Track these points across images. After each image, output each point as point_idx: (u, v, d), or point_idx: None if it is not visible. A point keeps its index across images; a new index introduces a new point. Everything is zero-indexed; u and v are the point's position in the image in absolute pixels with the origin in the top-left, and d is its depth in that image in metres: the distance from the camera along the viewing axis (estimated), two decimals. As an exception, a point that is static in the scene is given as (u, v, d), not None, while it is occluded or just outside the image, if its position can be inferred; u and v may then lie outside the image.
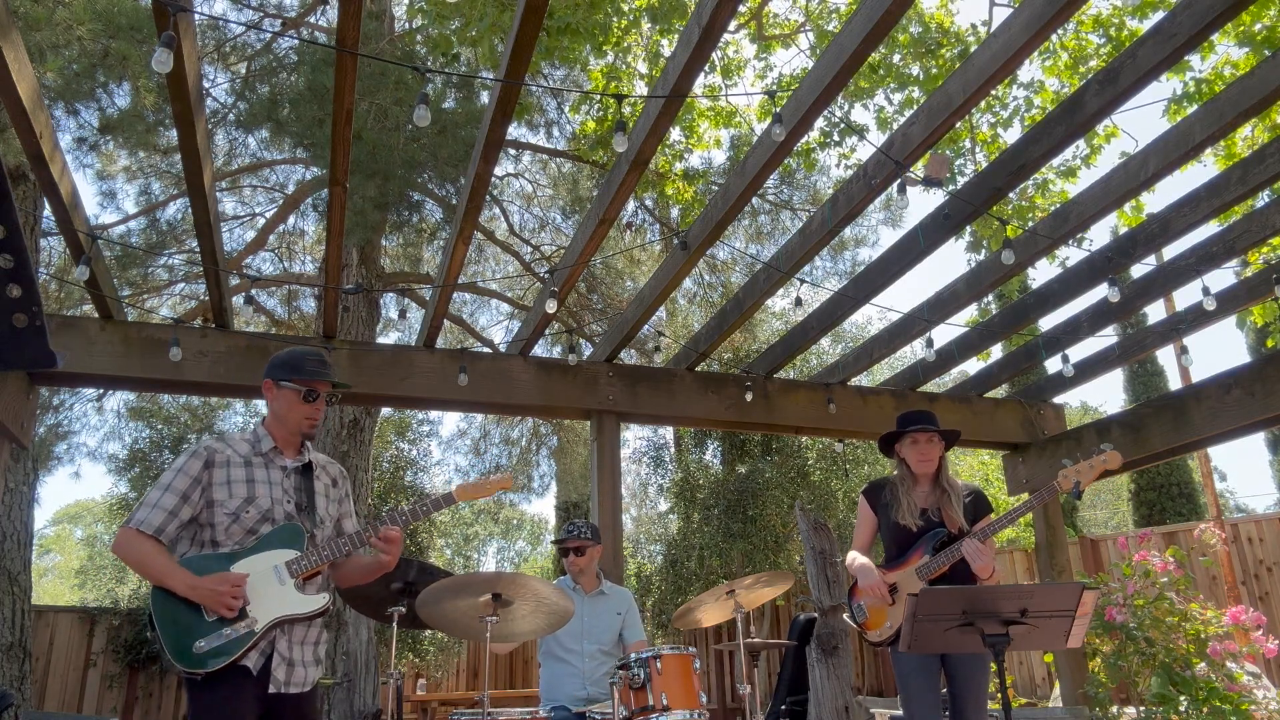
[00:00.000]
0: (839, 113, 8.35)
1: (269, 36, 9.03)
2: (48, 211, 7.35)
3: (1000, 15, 7.57)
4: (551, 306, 5.24)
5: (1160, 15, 5.11)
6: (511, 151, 11.14)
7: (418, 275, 11.44)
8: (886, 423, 4.35)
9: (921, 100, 7.45)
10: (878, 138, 7.78)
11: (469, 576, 3.23)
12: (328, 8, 9.42)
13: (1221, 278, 6.38)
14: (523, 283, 12.33)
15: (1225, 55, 6.45)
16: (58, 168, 4.10)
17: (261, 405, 2.87)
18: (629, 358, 10.63)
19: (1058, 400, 7.48)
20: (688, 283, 11.82)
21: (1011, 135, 7.69)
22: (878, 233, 15.36)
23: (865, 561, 3.57)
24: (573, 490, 16.85)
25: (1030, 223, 6.89)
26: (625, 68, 7.82)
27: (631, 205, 10.74)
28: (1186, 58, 5.95)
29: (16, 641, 7.59)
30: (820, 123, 7.79)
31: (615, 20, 7.00)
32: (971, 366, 12.17)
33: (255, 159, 10.45)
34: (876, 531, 3.70)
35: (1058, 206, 5.57)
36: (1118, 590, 5.38)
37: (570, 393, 6.12)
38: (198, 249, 4.91)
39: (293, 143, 8.56)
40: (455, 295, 10.64)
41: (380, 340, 10.45)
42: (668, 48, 7.63)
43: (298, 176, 10.77)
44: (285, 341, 6.15)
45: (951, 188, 6.45)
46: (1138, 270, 5.58)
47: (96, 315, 5.43)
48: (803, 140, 7.03)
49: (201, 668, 2.41)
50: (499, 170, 11.09)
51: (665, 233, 10.59)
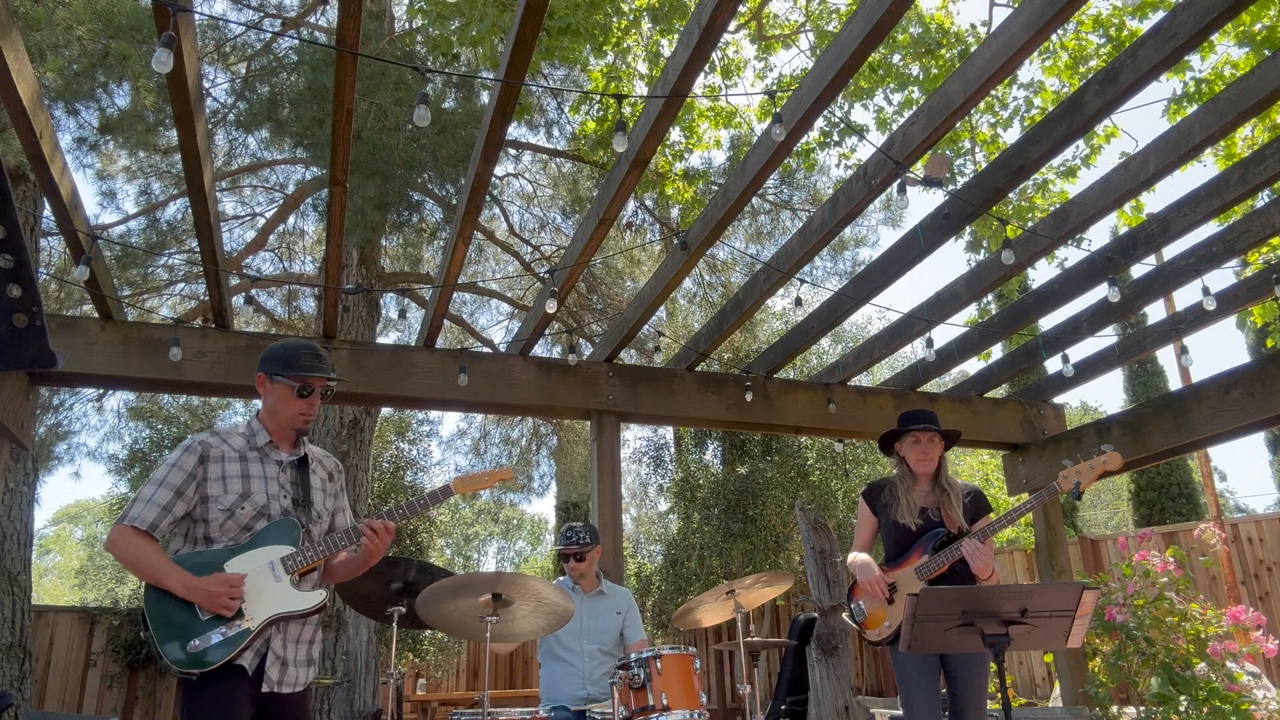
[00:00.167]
0: (839, 113, 8.35)
1: (269, 36, 9.02)
2: (48, 211, 7.34)
3: (1000, 15, 7.57)
4: (551, 306, 5.25)
5: (1160, 15, 5.11)
6: (511, 151, 11.14)
7: (418, 275, 11.42)
8: (886, 423, 4.35)
9: (921, 100, 7.44)
10: (878, 138, 7.78)
11: (469, 576, 3.23)
12: (328, 8, 9.42)
13: (1221, 278, 6.40)
14: (523, 283, 12.32)
15: (1225, 55, 6.45)
16: (58, 168, 4.10)
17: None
18: (629, 358, 10.62)
19: (1058, 400, 7.48)
20: (688, 283, 11.82)
21: (1011, 135, 7.70)
22: (878, 233, 15.39)
23: (866, 559, 3.57)
24: (573, 490, 16.84)
25: (1030, 223, 6.88)
26: (625, 68, 7.82)
27: (631, 205, 10.73)
28: (1186, 58, 5.95)
29: (16, 641, 7.59)
30: (820, 123, 7.79)
31: (615, 20, 7.00)
32: (971, 366, 12.19)
33: (255, 159, 10.44)
34: (877, 532, 3.70)
35: (1058, 206, 5.57)
36: (1118, 590, 5.38)
37: (570, 393, 6.13)
38: (198, 249, 4.90)
39: (293, 143, 8.56)
40: (455, 295, 10.64)
41: (380, 340, 10.45)
42: (668, 48, 7.63)
43: (298, 176, 10.76)
44: (285, 341, 6.13)
45: (951, 188, 6.44)
46: (1138, 270, 5.59)
47: (96, 315, 5.43)
48: (803, 140, 7.02)
49: (196, 668, 2.36)
50: (499, 170, 11.08)
51: (665, 233, 10.58)
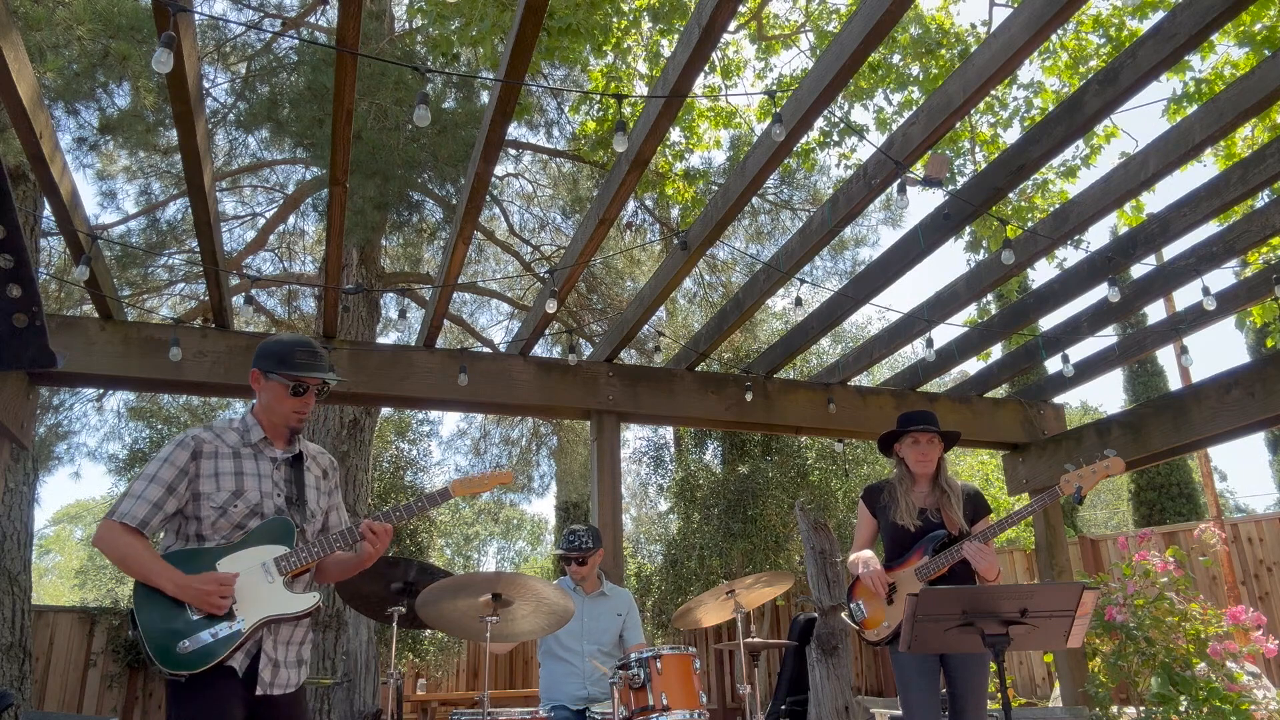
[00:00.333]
0: (839, 113, 8.35)
1: (269, 36, 9.02)
2: (48, 211, 7.34)
3: (1000, 15, 7.58)
4: (551, 306, 5.25)
5: (1160, 15, 5.11)
6: (511, 151, 11.14)
7: (418, 275, 11.42)
8: (886, 423, 4.35)
9: (921, 100, 7.44)
10: (878, 138, 7.78)
11: (469, 576, 3.23)
12: (328, 8, 9.42)
13: (1221, 278, 6.39)
14: (523, 283, 12.32)
15: (1225, 55, 6.45)
16: (58, 168, 4.10)
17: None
18: (629, 358, 10.63)
19: (1058, 400, 7.48)
20: (688, 283, 11.82)
21: (1011, 135, 7.70)
22: (878, 233, 15.41)
23: (868, 553, 3.58)
24: (573, 490, 16.84)
25: (1030, 223, 6.88)
26: (625, 68, 7.82)
27: (631, 205, 10.73)
28: (1186, 58, 5.95)
29: (16, 641, 7.59)
30: (820, 123, 7.79)
31: (615, 20, 7.00)
32: (971, 366, 12.19)
33: (255, 159, 10.44)
34: (876, 533, 3.70)
35: (1058, 206, 5.57)
36: (1118, 590, 5.38)
37: (570, 393, 6.12)
38: (198, 249, 4.90)
39: (293, 143, 8.55)
40: (455, 295, 10.64)
41: (380, 340, 10.45)
42: (668, 48, 7.63)
43: (298, 176, 10.76)
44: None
45: (951, 188, 6.44)
46: (1138, 270, 5.59)
47: (96, 315, 5.43)
48: (803, 140, 7.02)
49: (185, 669, 2.30)
50: (499, 170, 11.08)
51: (665, 233, 10.58)
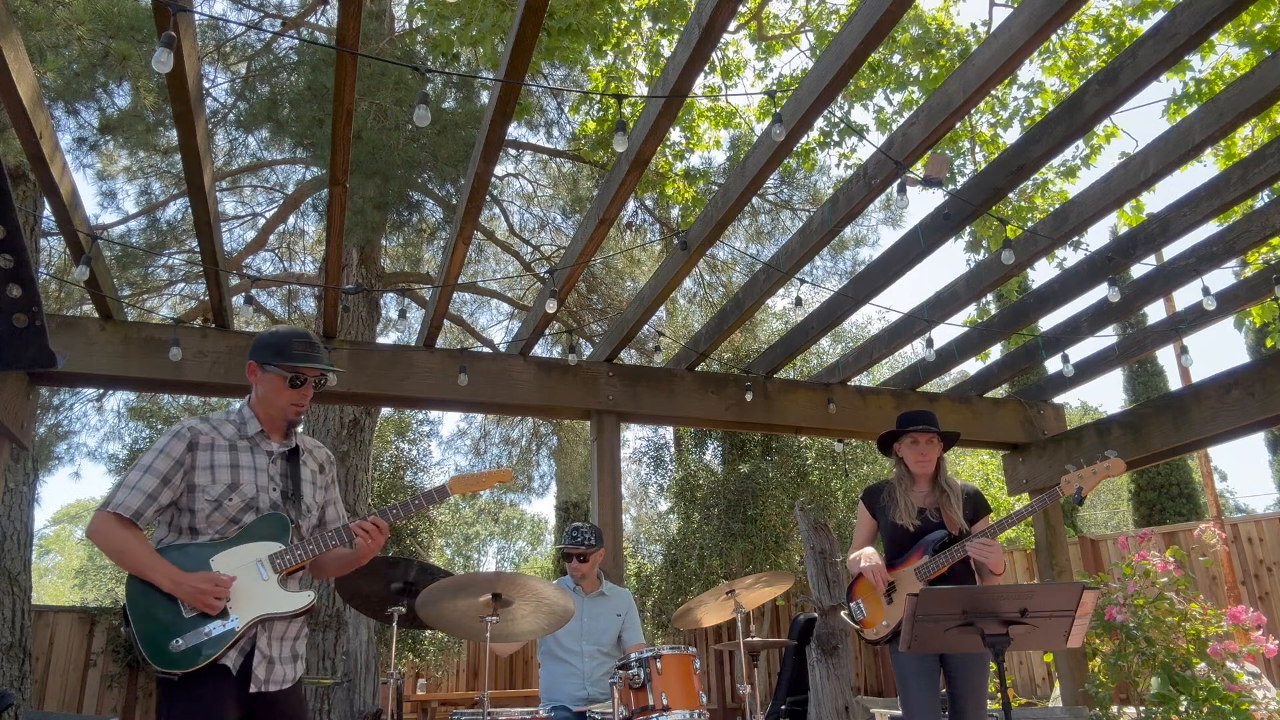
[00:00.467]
0: (839, 113, 8.35)
1: (269, 36, 9.02)
2: (48, 211, 7.34)
3: (1000, 15, 7.58)
4: (551, 306, 5.25)
5: (1160, 15, 5.11)
6: (511, 151, 11.14)
7: (418, 275, 11.42)
8: (886, 423, 4.35)
9: (921, 100, 7.44)
10: (878, 138, 7.78)
11: (469, 576, 3.23)
12: (328, 8, 9.42)
13: (1221, 278, 6.39)
14: (523, 283, 12.32)
15: (1225, 55, 6.45)
16: (58, 168, 4.10)
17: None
18: (629, 358, 10.63)
19: (1058, 400, 7.48)
20: (688, 283, 11.82)
21: (1011, 135, 7.70)
22: (878, 233, 15.43)
23: (870, 550, 3.59)
24: (573, 490, 16.84)
25: (1030, 223, 6.88)
26: (625, 68, 7.82)
27: (631, 205, 10.73)
28: (1186, 58, 5.95)
29: (16, 641, 7.58)
30: (820, 123, 7.79)
31: (615, 20, 7.00)
32: (971, 366, 12.19)
33: (255, 159, 10.44)
34: (875, 534, 3.71)
35: (1057, 207, 5.57)
36: (1118, 590, 5.37)
37: (570, 393, 6.13)
38: (198, 249, 4.90)
39: (293, 143, 8.56)
40: (455, 295, 10.64)
41: (380, 340, 10.45)
42: (668, 48, 7.63)
43: (298, 176, 10.76)
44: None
45: (951, 188, 6.44)
46: (1138, 270, 5.59)
47: (96, 315, 5.43)
48: (803, 140, 7.03)
49: (178, 667, 2.27)
50: (499, 170, 11.08)
51: (665, 233, 10.58)
